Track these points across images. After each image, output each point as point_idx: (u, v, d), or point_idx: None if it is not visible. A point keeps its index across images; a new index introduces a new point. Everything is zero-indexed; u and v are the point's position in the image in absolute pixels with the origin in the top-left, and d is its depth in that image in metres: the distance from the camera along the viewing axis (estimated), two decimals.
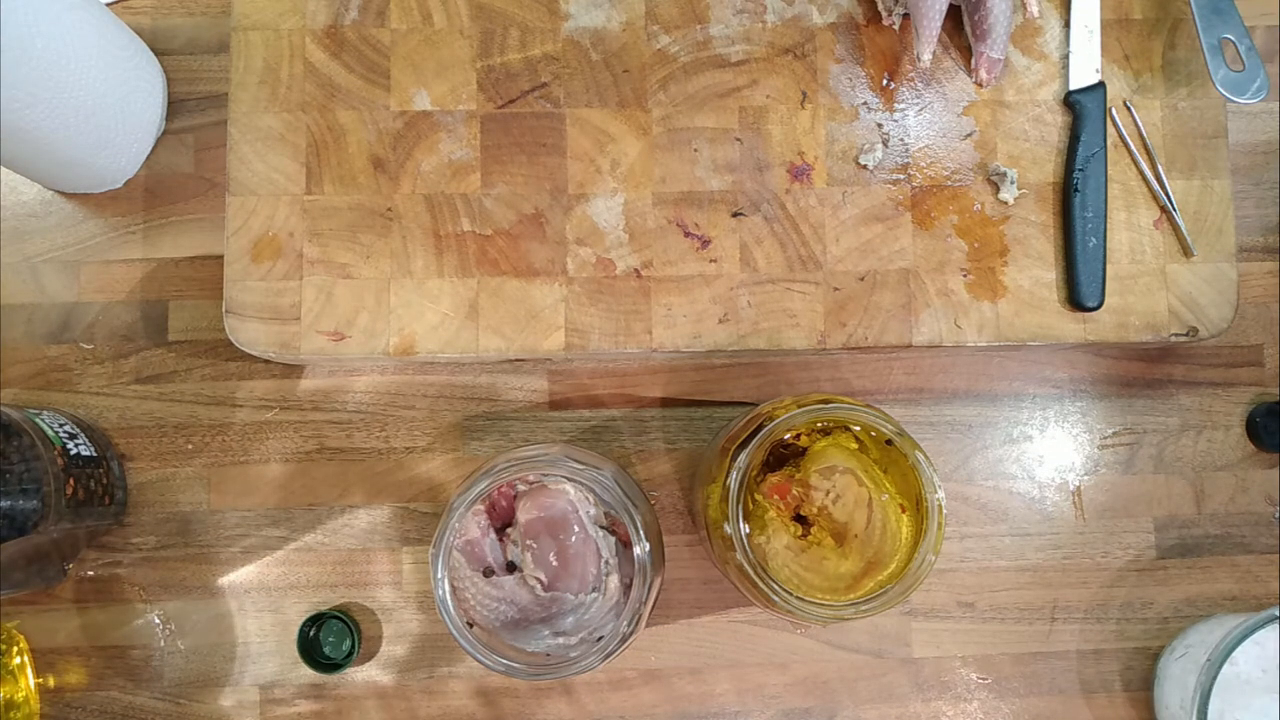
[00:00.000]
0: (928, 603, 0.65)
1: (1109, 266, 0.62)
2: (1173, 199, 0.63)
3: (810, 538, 0.52)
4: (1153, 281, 0.63)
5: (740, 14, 0.64)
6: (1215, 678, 0.57)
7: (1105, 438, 0.67)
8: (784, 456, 0.53)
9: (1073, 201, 0.62)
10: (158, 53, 0.66)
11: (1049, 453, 0.67)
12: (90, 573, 0.64)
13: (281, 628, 0.64)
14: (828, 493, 0.51)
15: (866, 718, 0.64)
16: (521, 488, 0.52)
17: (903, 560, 0.50)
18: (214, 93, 0.67)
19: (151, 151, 0.66)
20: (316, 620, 0.63)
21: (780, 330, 0.62)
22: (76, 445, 0.59)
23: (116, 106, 0.61)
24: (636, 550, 0.49)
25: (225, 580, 0.64)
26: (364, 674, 0.63)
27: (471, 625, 0.50)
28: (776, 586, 0.49)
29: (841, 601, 0.49)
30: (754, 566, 0.49)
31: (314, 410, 0.65)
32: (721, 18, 0.64)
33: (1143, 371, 0.67)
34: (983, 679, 0.65)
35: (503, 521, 0.52)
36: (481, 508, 0.51)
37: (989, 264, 0.63)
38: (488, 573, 0.51)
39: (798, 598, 0.49)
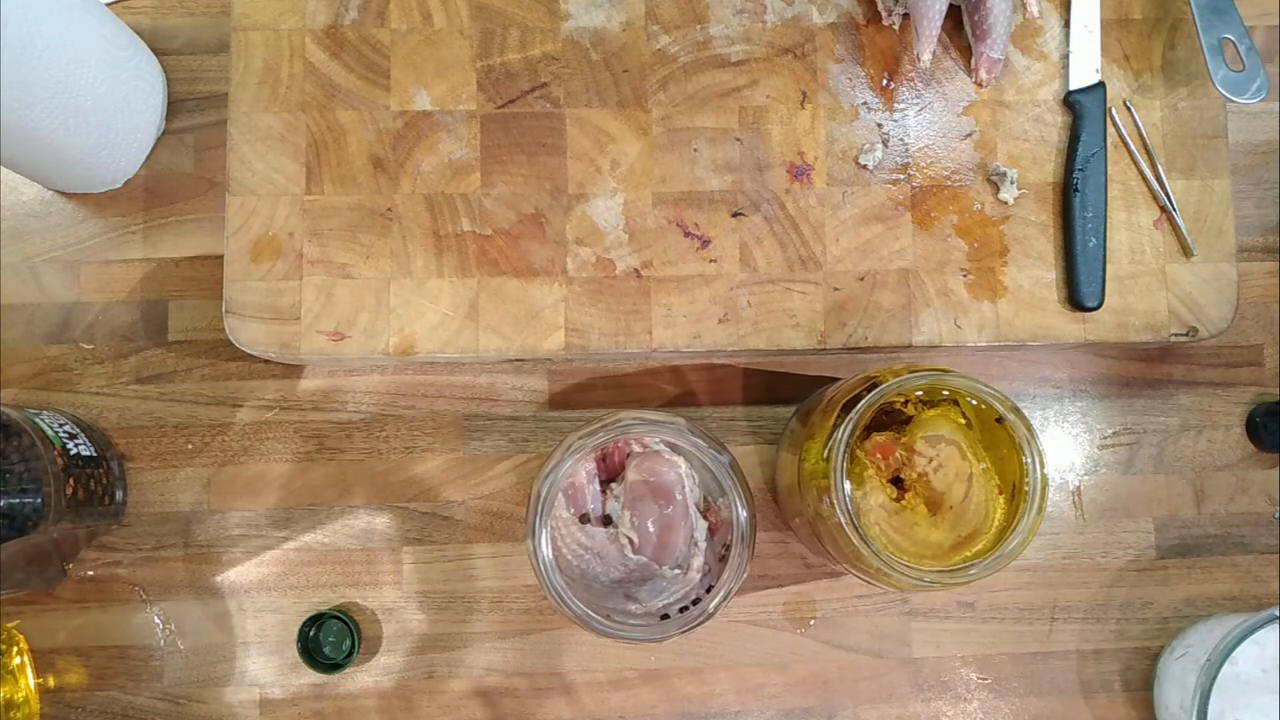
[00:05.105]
0: (928, 603, 0.65)
1: (1109, 266, 0.62)
2: (1173, 199, 0.63)
3: (904, 502, 0.52)
4: (1153, 281, 0.63)
5: (740, 14, 0.64)
6: (1215, 678, 0.57)
7: (1105, 438, 0.67)
8: (884, 424, 0.53)
9: (1073, 201, 0.62)
10: (158, 53, 0.66)
11: (1049, 453, 0.66)
12: (90, 573, 0.64)
13: (281, 628, 0.64)
14: (930, 460, 0.52)
15: (866, 718, 0.64)
16: (637, 449, 0.52)
17: (991, 541, 0.50)
18: (214, 93, 0.67)
19: (151, 151, 0.66)
20: (316, 620, 0.63)
21: (780, 330, 0.62)
22: (76, 445, 0.60)
23: (116, 106, 0.61)
24: (741, 516, 0.50)
25: (225, 580, 0.64)
26: (364, 674, 0.64)
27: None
28: (869, 542, 0.49)
29: (928, 568, 0.49)
30: (850, 517, 0.49)
31: (314, 410, 0.65)
32: (721, 18, 0.64)
33: (1143, 371, 0.67)
34: (983, 679, 0.65)
35: (609, 476, 0.53)
36: (593, 456, 0.52)
37: (989, 264, 0.63)
38: (583, 519, 0.52)
39: (887, 556, 0.49)
